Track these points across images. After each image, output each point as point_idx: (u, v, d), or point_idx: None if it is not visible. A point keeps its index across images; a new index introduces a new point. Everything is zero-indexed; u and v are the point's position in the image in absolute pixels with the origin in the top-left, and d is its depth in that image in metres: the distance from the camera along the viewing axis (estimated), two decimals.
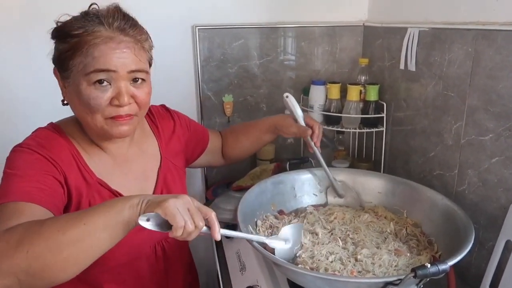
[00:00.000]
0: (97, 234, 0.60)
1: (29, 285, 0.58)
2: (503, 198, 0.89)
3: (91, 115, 0.76)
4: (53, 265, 0.58)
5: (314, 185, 1.10)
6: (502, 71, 0.87)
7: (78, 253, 0.59)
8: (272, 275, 0.91)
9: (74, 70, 0.75)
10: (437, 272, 0.65)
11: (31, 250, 0.57)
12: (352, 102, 1.31)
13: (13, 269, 0.56)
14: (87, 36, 0.73)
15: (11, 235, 0.59)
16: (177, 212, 0.60)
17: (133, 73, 0.77)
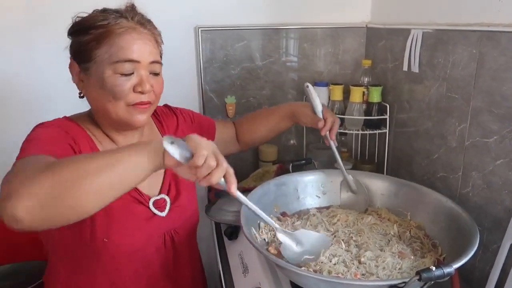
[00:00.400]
0: (125, 162, 0.60)
1: (50, 211, 0.57)
2: (507, 201, 0.89)
3: (114, 102, 0.80)
4: (76, 190, 0.57)
5: (317, 187, 1.09)
6: (506, 72, 0.87)
7: (103, 183, 0.58)
8: (275, 277, 0.90)
9: (98, 60, 0.79)
10: (442, 275, 0.64)
11: (58, 173, 0.57)
12: (355, 103, 1.30)
13: (36, 189, 0.56)
14: (112, 26, 0.79)
15: (36, 167, 0.60)
16: (202, 144, 0.62)
17: (152, 64, 0.83)
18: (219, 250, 1.16)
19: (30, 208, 0.55)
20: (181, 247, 0.94)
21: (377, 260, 0.81)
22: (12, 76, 1.30)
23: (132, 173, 0.61)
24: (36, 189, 0.56)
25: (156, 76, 0.84)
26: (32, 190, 0.56)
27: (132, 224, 0.84)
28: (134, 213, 0.85)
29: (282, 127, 1.13)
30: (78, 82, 0.84)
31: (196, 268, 1.05)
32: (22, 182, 0.57)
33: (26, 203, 0.55)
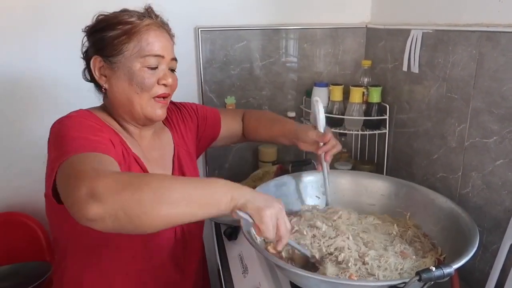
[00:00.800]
0: (195, 207, 0.64)
1: (120, 224, 0.61)
2: (507, 201, 0.89)
3: (140, 94, 0.85)
4: (149, 215, 0.61)
5: (317, 187, 1.09)
6: (506, 73, 0.87)
7: (173, 214, 0.63)
8: (274, 278, 0.90)
9: (127, 54, 0.84)
10: (441, 276, 0.64)
11: (138, 195, 0.61)
12: (354, 104, 1.30)
13: (116, 205, 0.60)
14: (140, 23, 0.84)
15: (120, 176, 0.64)
16: (270, 224, 0.67)
17: (172, 60, 0.90)
18: (219, 251, 1.16)
19: (106, 216, 0.60)
20: (191, 238, 0.98)
21: (380, 260, 0.81)
22: (18, 73, 1.31)
23: (199, 215, 0.65)
24: (116, 202, 0.60)
25: (173, 72, 0.91)
26: (113, 202, 0.60)
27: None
28: None
29: (280, 141, 1.10)
30: (100, 77, 0.87)
31: (201, 258, 1.08)
32: (107, 189, 0.61)
33: (104, 210, 0.60)
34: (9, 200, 1.39)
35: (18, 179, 1.38)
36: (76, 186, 0.62)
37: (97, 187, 0.61)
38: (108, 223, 0.61)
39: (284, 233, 0.70)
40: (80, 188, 0.61)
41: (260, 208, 0.67)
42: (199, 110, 1.10)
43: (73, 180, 0.64)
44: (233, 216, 0.67)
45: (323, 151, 0.96)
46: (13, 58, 1.30)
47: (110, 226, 0.61)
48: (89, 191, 0.61)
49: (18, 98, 1.33)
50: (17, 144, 1.35)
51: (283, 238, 0.71)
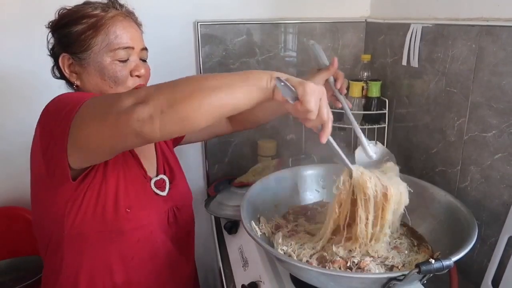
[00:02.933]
0: (236, 87, 0.65)
1: (166, 117, 0.63)
2: (505, 195, 0.89)
3: (115, 88, 0.84)
4: (193, 101, 0.63)
5: (317, 181, 1.09)
6: (506, 67, 0.87)
7: (217, 100, 0.64)
8: (275, 271, 0.91)
9: (96, 49, 0.82)
10: (441, 268, 0.65)
11: (179, 86, 0.65)
12: (354, 98, 1.30)
13: (159, 99, 0.63)
14: (106, 15, 0.83)
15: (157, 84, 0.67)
16: (313, 98, 0.65)
17: (143, 50, 0.88)
18: (219, 245, 1.17)
19: (153, 114, 0.62)
20: (183, 222, 0.99)
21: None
22: (11, 67, 1.30)
23: (243, 98, 0.66)
24: (159, 98, 0.63)
25: (144, 62, 0.90)
26: (157, 99, 0.63)
27: (145, 198, 0.88)
28: (145, 190, 0.89)
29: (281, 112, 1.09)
30: (70, 74, 0.85)
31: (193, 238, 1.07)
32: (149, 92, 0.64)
33: (151, 109, 0.62)
34: (9, 195, 1.39)
35: (18, 174, 1.38)
36: (117, 102, 0.65)
37: (140, 94, 0.64)
38: (156, 121, 0.62)
39: (328, 116, 0.68)
40: (123, 100, 0.64)
41: (303, 82, 0.66)
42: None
43: (109, 102, 0.66)
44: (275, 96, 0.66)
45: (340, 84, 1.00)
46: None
47: (158, 125, 0.63)
48: (134, 98, 0.64)
49: (24, 93, 1.33)
50: (17, 138, 1.35)
51: (327, 122, 0.68)
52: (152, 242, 0.90)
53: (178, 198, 0.97)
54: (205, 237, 1.49)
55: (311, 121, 0.68)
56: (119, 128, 0.65)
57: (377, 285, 0.68)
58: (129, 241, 0.86)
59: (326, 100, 0.68)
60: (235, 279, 0.99)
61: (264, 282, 0.88)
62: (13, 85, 1.32)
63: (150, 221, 0.88)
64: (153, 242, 0.90)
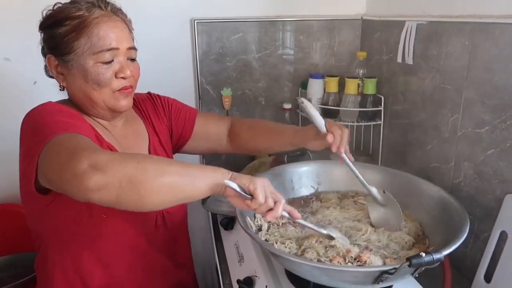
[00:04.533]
0: (194, 178, 0.68)
1: (124, 193, 0.63)
2: (498, 190, 0.90)
3: (99, 90, 0.82)
4: (152, 183, 0.64)
5: (312, 178, 1.10)
6: (498, 64, 0.88)
7: (174, 185, 0.66)
8: (270, 266, 0.92)
9: (79, 51, 0.80)
10: (431, 261, 0.66)
11: (142, 164, 0.64)
12: (350, 95, 1.31)
13: (121, 172, 0.62)
14: (88, 16, 0.80)
15: (122, 152, 0.68)
16: (263, 190, 0.70)
17: (129, 50, 0.85)
18: (215, 241, 1.18)
19: (110, 185, 0.62)
20: (173, 227, 0.97)
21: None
22: (10, 67, 1.30)
23: (195, 189, 0.68)
24: (122, 170, 0.62)
25: (133, 61, 0.87)
26: (118, 170, 0.62)
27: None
28: None
29: (286, 149, 1.09)
30: (57, 76, 0.84)
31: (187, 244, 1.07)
32: (110, 159, 0.63)
33: (108, 179, 0.61)
34: (5, 192, 1.40)
35: (15, 171, 1.38)
36: (74, 159, 0.62)
37: (100, 159, 0.62)
38: (112, 192, 0.62)
39: (279, 197, 0.72)
40: (80, 160, 0.61)
41: (253, 178, 0.71)
42: (174, 103, 1.06)
43: (69, 155, 0.64)
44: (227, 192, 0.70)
45: (335, 148, 0.91)
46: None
47: (113, 196, 0.62)
48: (92, 162, 0.61)
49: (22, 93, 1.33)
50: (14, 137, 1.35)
51: (279, 202, 0.72)
52: (132, 247, 0.88)
53: None
54: (202, 233, 1.50)
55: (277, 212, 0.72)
56: (72, 190, 0.64)
57: (369, 278, 0.69)
58: (107, 246, 0.85)
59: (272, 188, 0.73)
60: (231, 274, 1.00)
61: (259, 277, 0.89)
62: (12, 85, 1.32)
63: (130, 227, 0.87)
64: (134, 247, 0.89)
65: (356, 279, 0.72)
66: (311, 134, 0.95)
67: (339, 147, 0.91)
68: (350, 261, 0.77)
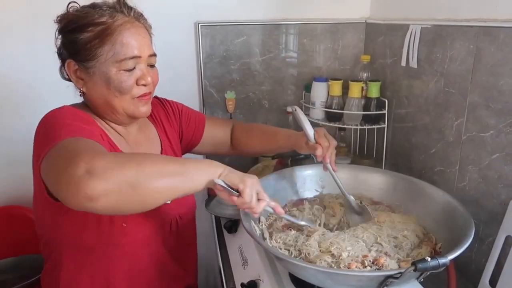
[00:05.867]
0: (189, 176, 0.69)
1: (125, 198, 0.62)
2: (503, 194, 0.90)
3: (120, 97, 0.83)
4: (153, 185, 0.64)
5: (316, 181, 1.10)
6: (503, 67, 0.87)
7: (174, 184, 0.67)
8: (274, 269, 0.91)
9: (102, 58, 0.80)
10: (437, 266, 0.66)
11: (141, 167, 0.64)
12: (353, 98, 1.31)
13: (120, 177, 0.61)
14: (112, 23, 0.80)
15: (120, 155, 0.68)
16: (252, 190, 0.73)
17: (150, 57, 0.85)
18: (219, 244, 1.18)
19: (110, 191, 0.60)
20: (185, 231, 0.98)
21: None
22: (13, 71, 1.31)
23: (192, 186, 0.70)
24: (121, 175, 0.61)
25: (152, 68, 0.88)
26: (117, 175, 0.61)
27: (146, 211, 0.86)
28: None
29: (279, 152, 1.16)
30: (77, 80, 0.83)
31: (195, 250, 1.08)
32: (108, 164, 0.61)
33: (108, 185, 0.60)
34: (11, 194, 1.41)
35: (20, 173, 1.39)
36: (71, 164, 0.60)
37: (98, 164, 0.60)
38: (112, 200, 0.60)
39: (264, 196, 0.76)
40: (77, 165, 0.59)
41: (244, 177, 0.73)
42: (184, 109, 1.08)
43: (67, 160, 0.62)
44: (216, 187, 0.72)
45: (321, 158, 0.94)
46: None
47: (113, 203, 0.61)
48: (89, 168, 0.59)
49: (27, 95, 1.34)
50: (20, 139, 1.36)
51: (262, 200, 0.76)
52: (150, 254, 0.89)
53: (182, 206, 0.96)
54: (205, 236, 1.50)
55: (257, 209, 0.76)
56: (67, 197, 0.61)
57: (374, 282, 0.69)
58: (125, 254, 0.85)
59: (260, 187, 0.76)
60: (234, 278, 0.99)
61: (263, 280, 0.89)
62: (17, 87, 1.33)
63: (148, 234, 0.87)
64: (151, 254, 0.89)
65: (361, 283, 0.72)
66: (301, 142, 0.99)
67: (325, 157, 0.95)
68: (369, 265, 0.77)
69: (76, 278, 0.85)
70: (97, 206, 0.60)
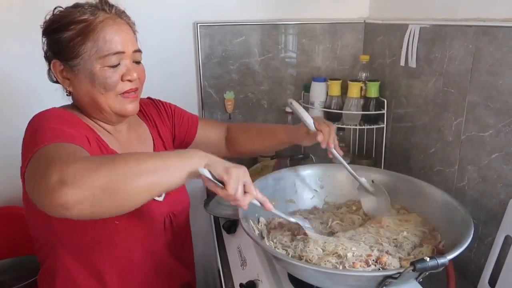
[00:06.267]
0: (170, 171, 0.66)
1: (100, 203, 0.60)
2: (502, 194, 0.90)
3: (105, 94, 0.82)
4: (128, 188, 0.62)
5: (315, 181, 1.10)
6: (502, 67, 0.87)
7: (151, 183, 0.64)
8: (272, 270, 0.91)
9: (85, 56, 0.80)
10: (436, 266, 0.65)
11: (113, 170, 0.61)
12: (352, 98, 1.31)
13: (92, 183, 0.59)
14: (93, 20, 0.80)
15: (91, 159, 0.65)
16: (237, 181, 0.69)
17: (135, 52, 0.85)
18: (218, 244, 1.17)
19: (83, 199, 0.58)
20: (179, 229, 0.97)
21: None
22: (12, 70, 1.31)
23: (175, 180, 0.67)
24: (92, 182, 0.59)
25: (138, 64, 0.87)
26: (88, 182, 0.59)
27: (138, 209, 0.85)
28: None
29: (280, 148, 1.14)
30: (63, 81, 0.84)
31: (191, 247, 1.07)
32: (79, 171, 0.59)
33: (80, 193, 0.58)
34: (10, 194, 1.40)
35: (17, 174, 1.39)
36: (45, 173, 0.59)
37: (69, 172, 0.58)
38: (86, 206, 0.59)
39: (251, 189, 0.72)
40: (51, 174, 0.59)
41: (229, 168, 0.69)
42: (177, 109, 1.08)
43: (42, 168, 0.61)
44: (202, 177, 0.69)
45: (325, 144, 0.96)
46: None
47: (88, 210, 0.59)
48: (61, 176, 0.58)
49: (24, 96, 1.33)
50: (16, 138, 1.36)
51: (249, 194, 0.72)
52: (145, 251, 0.89)
53: (176, 204, 0.96)
54: (204, 236, 1.50)
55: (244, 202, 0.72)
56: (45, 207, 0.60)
57: (372, 282, 0.68)
58: (120, 251, 0.85)
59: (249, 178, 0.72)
60: (233, 278, 0.99)
61: (262, 280, 0.89)
62: (15, 87, 1.33)
63: (142, 231, 0.87)
64: (145, 251, 0.89)
65: (359, 283, 0.72)
66: (302, 132, 1.00)
67: (328, 143, 0.96)
68: (373, 264, 0.77)
69: (72, 279, 0.85)
70: (73, 214, 0.59)
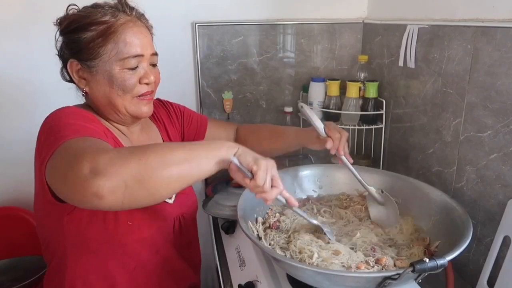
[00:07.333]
0: (199, 160, 0.67)
1: (132, 193, 0.61)
2: (501, 194, 0.90)
3: (122, 96, 0.83)
4: (159, 177, 0.63)
5: (314, 181, 1.10)
6: (501, 68, 0.87)
7: (182, 172, 0.65)
8: (271, 270, 0.91)
9: (105, 57, 0.81)
10: (435, 267, 0.65)
11: (144, 159, 0.62)
12: (351, 99, 1.31)
13: (124, 172, 0.60)
14: (114, 22, 0.80)
15: (122, 149, 0.66)
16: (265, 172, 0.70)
17: (152, 56, 0.86)
18: (216, 245, 1.17)
19: (115, 188, 0.60)
20: (187, 230, 0.98)
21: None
22: (7, 71, 1.30)
23: (206, 170, 0.68)
24: (124, 171, 0.60)
25: (154, 67, 0.88)
26: (120, 171, 0.60)
27: (150, 210, 0.86)
28: None
29: (290, 150, 1.13)
30: (79, 80, 0.84)
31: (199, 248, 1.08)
32: (111, 161, 0.60)
33: (113, 182, 0.59)
34: (8, 195, 1.40)
35: (18, 174, 1.39)
36: (76, 164, 0.60)
37: (100, 162, 0.60)
38: (119, 195, 0.60)
39: (279, 183, 0.73)
40: (82, 165, 0.59)
41: (258, 158, 0.71)
42: (186, 110, 1.09)
43: (71, 160, 0.62)
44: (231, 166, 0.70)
45: (334, 151, 0.95)
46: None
47: (120, 199, 0.60)
48: (93, 166, 0.59)
49: (19, 94, 1.33)
50: (16, 138, 1.35)
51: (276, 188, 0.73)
52: (155, 253, 0.89)
53: (185, 206, 0.97)
54: (203, 237, 1.49)
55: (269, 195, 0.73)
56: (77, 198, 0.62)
57: (372, 284, 0.68)
58: (131, 252, 0.85)
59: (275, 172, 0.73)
60: (232, 279, 0.99)
61: (260, 281, 0.89)
62: (16, 89, 1.32)
63: (153, 232, 0.87)
64: (156, 252, 0.89)
65: (358, 284, 0.71)
66: (312, 137, 0.99)
67: (338, 149, 0.95)
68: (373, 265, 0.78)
69: (81, 279, 0.84)
70: (106, 203, 0.60)
